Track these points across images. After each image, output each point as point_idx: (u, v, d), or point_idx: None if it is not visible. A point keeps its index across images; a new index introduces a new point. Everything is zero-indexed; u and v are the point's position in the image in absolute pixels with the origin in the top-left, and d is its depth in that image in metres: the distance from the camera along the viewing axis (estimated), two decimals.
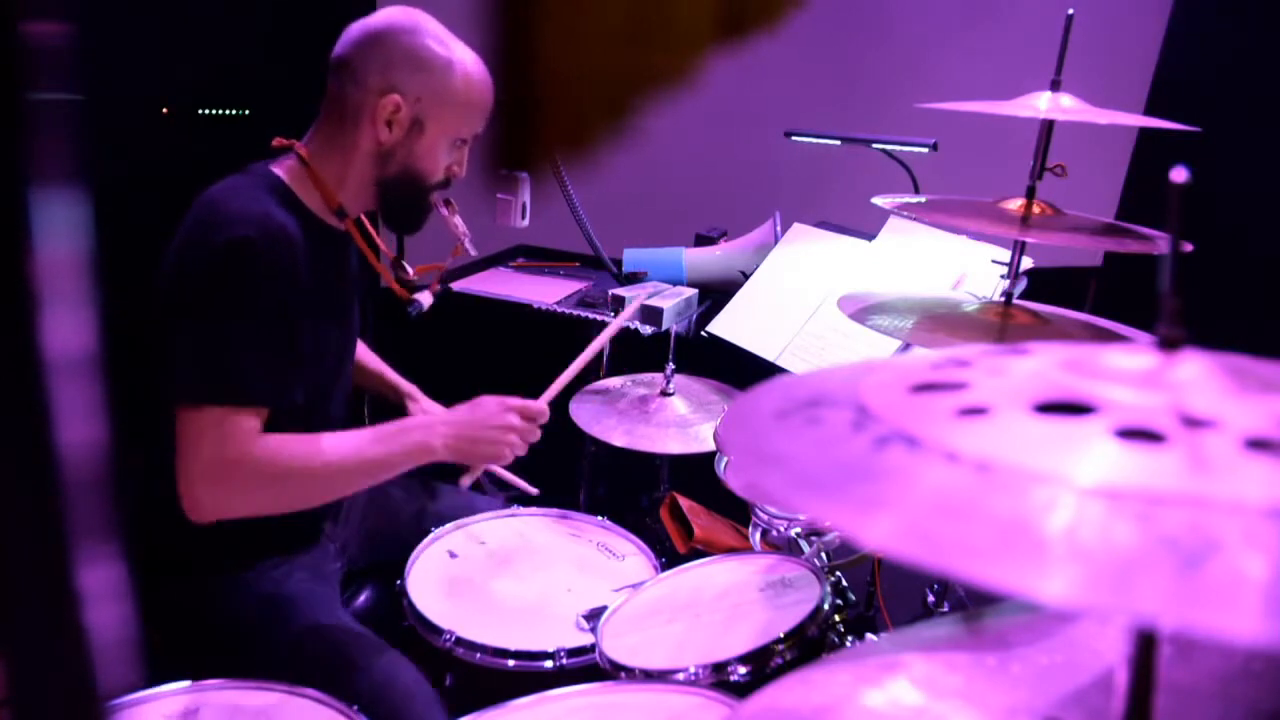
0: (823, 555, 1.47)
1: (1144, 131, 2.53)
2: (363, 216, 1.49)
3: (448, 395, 1.83)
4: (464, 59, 1.38)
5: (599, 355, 2.06)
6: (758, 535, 1.57)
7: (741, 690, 1.13)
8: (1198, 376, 0.44)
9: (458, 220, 1.52)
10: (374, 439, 1.33)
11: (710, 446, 1.67)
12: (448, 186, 1.46)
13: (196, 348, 1.23)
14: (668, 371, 1.81)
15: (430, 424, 1.37)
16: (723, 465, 1.64)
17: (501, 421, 1.38)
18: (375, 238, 1.54)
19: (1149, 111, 2.44)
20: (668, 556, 1.66)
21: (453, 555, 1.53)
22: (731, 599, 1.34)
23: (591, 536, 1.61)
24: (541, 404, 1.45)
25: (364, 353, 1.73)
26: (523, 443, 1.41)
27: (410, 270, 1.58)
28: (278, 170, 1.37)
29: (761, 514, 1.55)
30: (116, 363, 0.41)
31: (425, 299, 1.61)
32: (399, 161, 1.38)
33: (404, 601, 1.39)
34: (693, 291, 2.23)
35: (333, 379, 1.47)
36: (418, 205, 1.44)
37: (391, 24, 1.36)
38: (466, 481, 1.57)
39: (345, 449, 1.31)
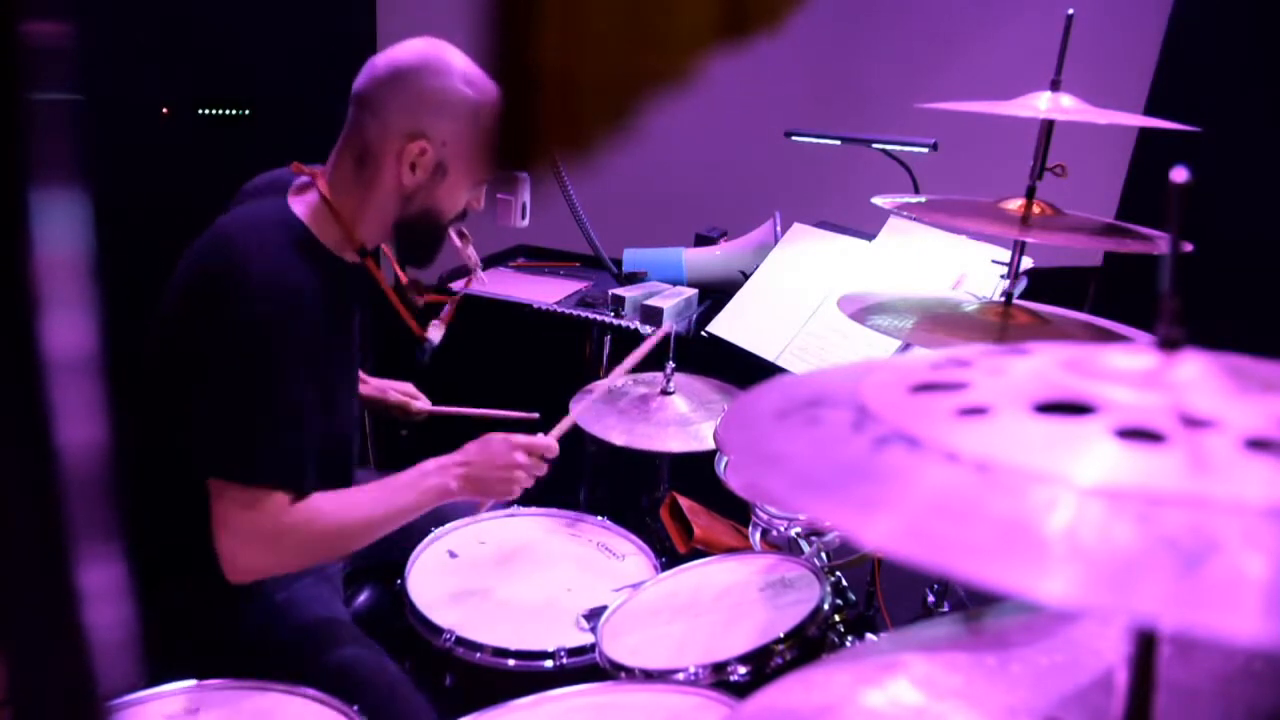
0: (823, 555, 1.47)
1: (1144, 131, 2.53)
2: (382, 245, 1.46)
3: (448, 396, 1.83)
4: (488, 96, 1.31)
5: (599, 357, 2.06)
6: (758, 535, 1.57)
7: (741, 690, 1.13)
8: (1198, 376, 0.44)
9: (471, 251, 1.50)
10: (397, 488, 1.35)
11: (710, 446, 1.66)
12: (464, 220, 1.44)
13: (224, 425, 1.23)
14: (668, 370, 1.81)
15: (444, 465, 1.38)
16: (723, 465, 1.63)
17: (509, 460, 1.39)
18: (395, 266, 1.52)
19: (1149, 111, 2.44)
20: (668, 556, 1.66)
21: (453, 555, 1.53)
22: (731, 599, 1.34)
23: (591, 536, 1.61)
24: (549, 440, 1.45)
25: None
26: (530, 478, 1.42)
27: (420, 299, 1.55)
28: (297, 208, 1.33)
29: (761, 514, 1.55)
30: (117, 365, 0.41)
31: (435, 334, 1.57)
32: (420, 203, 1.34)
33: (404, 601, 1.39)
34: (693, 291, 2.23)
35: (346, 413, 1.47)
36: (434, 242, 1.42)
37: (421, 63, 1.30)
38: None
39: (373, 502, 1.34)
